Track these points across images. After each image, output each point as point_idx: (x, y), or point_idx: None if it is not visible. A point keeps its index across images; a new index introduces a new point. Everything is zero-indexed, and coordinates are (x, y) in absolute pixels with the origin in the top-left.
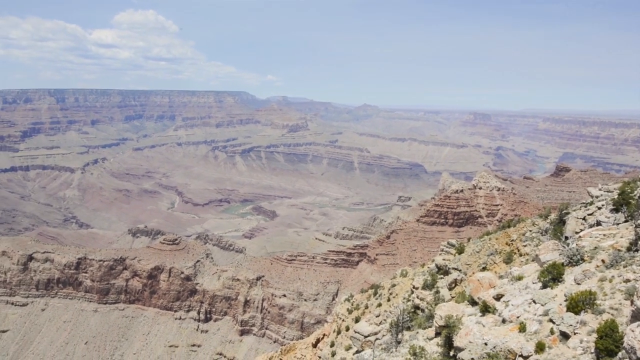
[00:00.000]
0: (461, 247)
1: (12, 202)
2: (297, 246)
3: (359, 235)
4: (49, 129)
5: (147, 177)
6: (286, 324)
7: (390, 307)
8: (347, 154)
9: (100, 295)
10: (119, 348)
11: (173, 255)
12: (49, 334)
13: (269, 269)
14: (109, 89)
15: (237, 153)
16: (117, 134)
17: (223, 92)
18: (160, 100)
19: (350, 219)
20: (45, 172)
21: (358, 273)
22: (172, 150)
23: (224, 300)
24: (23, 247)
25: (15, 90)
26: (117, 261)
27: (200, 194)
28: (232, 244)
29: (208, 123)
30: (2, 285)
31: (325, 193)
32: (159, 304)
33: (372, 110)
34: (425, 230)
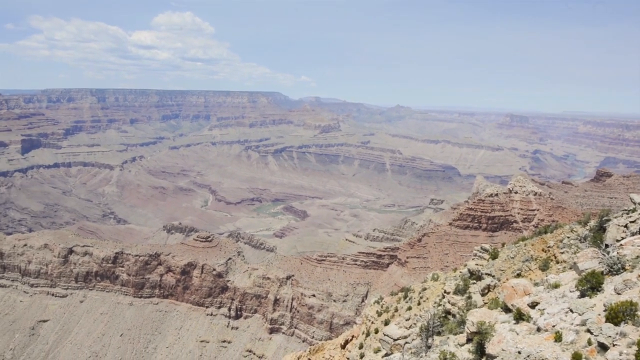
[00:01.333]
0: (495, 252)
1: (55, 197)
2: (327, 247)
3: (389, 237)
4: (90, 127)
5: (182, 175)
6: (315, 324)
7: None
8: (379, 155)
9: (136, 289)
10: (153, 341)
11: (206, 252)
12: (86, 325)
13: (298, 268)
14: (148, 89)
15: (269, 153)
16: (154, 133)
17: (257, 92)
18: (196, 100)
19: (381, 221)
20: (86, 169)
21: (388, 275)
22: (207, 150)
23: (254, 298)
24: (64, 240)
25: (59, 90)
26: (152, 256)
27: (233, 192)
28: (263, 243)
29: (242, 123)
30: (44, 277)
31: (356, 194)
32: (191, 300)
33: (405, 112)
34: (458, 234)
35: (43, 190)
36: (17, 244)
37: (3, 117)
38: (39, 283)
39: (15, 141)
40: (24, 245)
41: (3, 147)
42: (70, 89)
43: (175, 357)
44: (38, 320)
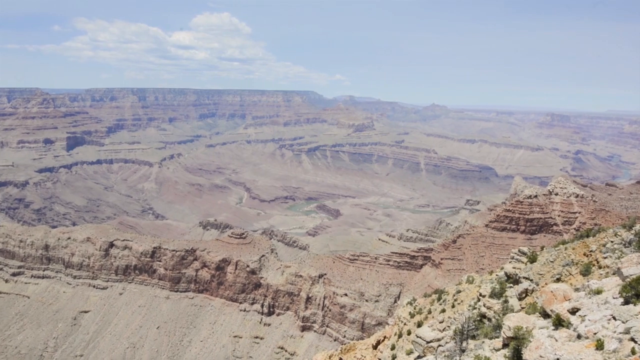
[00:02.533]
0: (533, 255)
1: (97, 192)
2: (359, 246)
3: (423, 238)
4: (131, 125)
5: (218, 173)
6: (347, 323)
7: (455, 313)
8: (413, 154)
9: (172, 283)
10: (188, 334)
11: (240, 249)
12: (125, 316)
13: (331, 267)
14: (186, 89)
15: (303, 151)
16: (191, 131)
17: (291, 91)
18: (232, 99)
19: (414, 221)
20: (127, 166)
21: (421, 277)
22: (242, 148)
23: (287, 296)
24: (105, 234)
25: (103, 89)
26: (188, 252)
27: (267, 190)
28: (296, 241)
29: (276, 122)
30: (86, 269)
31: (390, 194)
32: (225, 295)
33: (440, 111)
34: (495, 236)
35: (86, 186)
36: (61, 237)
37: (50, 116)
38: (82, 275)
39: (61, 138)
40: (68, 239)
41: (50, 144)
42: (112, 88)
43: (209, 351)
44: (80, 310)
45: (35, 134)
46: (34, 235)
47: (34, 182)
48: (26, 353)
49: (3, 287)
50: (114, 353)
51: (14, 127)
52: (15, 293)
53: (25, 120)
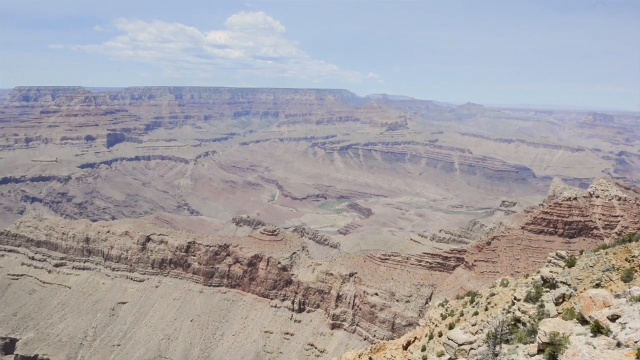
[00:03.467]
0: (572, 259)
1: (135, 188)
2: (391, 246)
3: (456, 239)
4: (168, 123)
5: (251, 170)
6: (377, 323)
7: (488, 317)
8: (447, 154)
9: (206, 277)
10: (220, 328)
11: (271, 246)
12: (160, 309)
13: (362, 266)
14: (221, 87)
15: (335, 150)
16: (226, 129)
17: (324, 89)
18: (266, 97)
19: (447, 222)
20: (164, 162)
21: (454, 278)
22: (275, 146)
23: (317, 293)
24: (142, 228)
25: (141, 88)
26: (221, 247)
27: (298, 188)
28: (327, 239)
29: (309, 120)
30: (124, 262)
31: (423, 193)
32: (256, 291)
33: (476, 109)
34: (531, 239)
35: (125, 181)
36: (101, 230)
37: (91, 113)
38: (120, 267)
39: (101, 135)
40: (107, 232)
41: (91, 140)
42: (150, 86)
43: (241, 345)
44: (118, 302)
45: (78, 130)
46: (76, 228)
47: (76, 177)
48: (67, 341)
49: (46, 277)
50: (150, 344)
51: (58, 124)
52: (57, 283)
53: (69, 118)
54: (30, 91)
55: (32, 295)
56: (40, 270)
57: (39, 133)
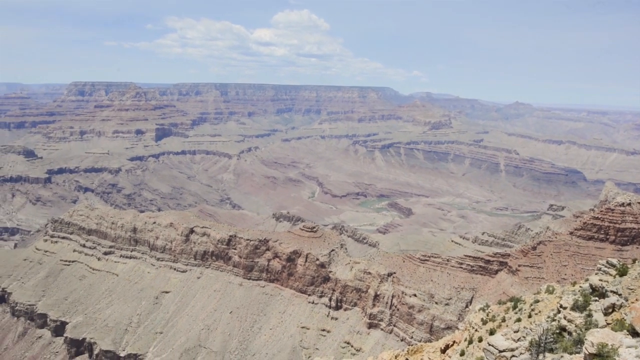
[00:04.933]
0: (624, 268)
1: (181, 181)
2: (431, 247)
3: (500, 242)
4: (214, 119)
5: (292, 167)
6: (415, 324)
7: (531, 324)
8: (492, 154)
9: (245, 271)
10: (258, 321)
11: (310, 242)
12: (201, 299)
13: (400, 266)
14: (265, 84)
15: (376, 148)
16: (268, 126)
17: (367, 87)
18: (309, 95)
19: (491, 224)
20: (208, 157)
21: (496, 283)
22: (316, 143)
23: (355, 291)
24: (186, 220)
25: (189, 84)
26: (261, 242)
27: (339, 185)
28: (366, 238)
29: (351, 118)
30: (168, 252)
31: (466, 194)
32: (294, 286)
33: (524, 109)
34: (580, 245)
35: (171, 175)
36: (147, 221)
37: (141, 108)
38: (164, 257)
39: (150, 129)
40: (153, 223)
41: (140, 134)
42: (198, 83)
43: (278, 339)
44: (161, 290)
45: (128, 124)
46: (124, 218)
47: (126, 169)
48: (113, 326)
49: (96, 264)
50: (190, 333)
51: (110, 118)
52: (106, 270)
53: (120, 112)
54: (85, 86)
55: (82, 281)
56: (90, 258)
57: (92, 126)
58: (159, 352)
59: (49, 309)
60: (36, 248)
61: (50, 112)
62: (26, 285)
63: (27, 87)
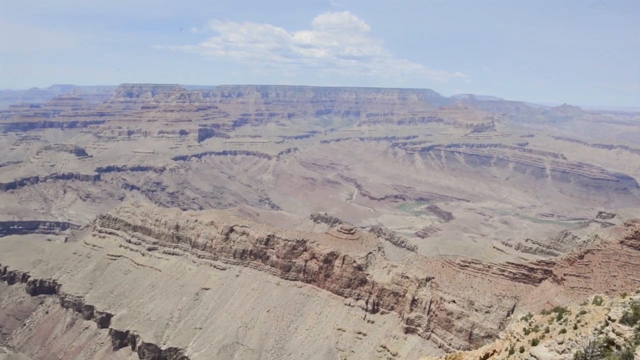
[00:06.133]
0: None
1: (222, 180)
2: (471, 252)
3: (544, 250)
4: (254, 120)
5: (330, 168)
6: (453, 331)
7: (577, 336)
8: (538, 158)
9: (283, 270)
10: (294, 321)
11: (348, 244)
12: (239, 297)
13: (439, 271)
14: (305, 86)
15: (416, 151)
16: (308, 127)
17: (407, 89)
18: (348, 96)
19: (535, 231)
20: (248, 157)
21: (540, 292)
22: (355, 145)
23: (392, 295)
24: (227, 219)
25: (231, 86)
26: (299, 242)
27: (377, 188)
28: (404, 241)
29: (390, 120)
30: (209, 250)
31: (509, 200)
32: (331, 288)
33: (572, 112)
34: (631, 255)
35: (213, 174)
36: (190, 219)
37: (185, 109)
38: (205, 255)
39: (193, 130)
40: (195, 221)
41: (184, 135)
42: (239, 85)
43: (314, 340)
44: (201, 287)
45: (173, 125)
46: (168, 215)
47: (170, 168)
48: (155, 320)
49: (140, 259)
50: (228, 330)
51: (156, 118)
52: (149, 266)
53: (165, 113)
54: (133, 88)
55: (127, 275)
56: (135, 253)
57: (139, 126)
58: (198, 347)
59: (96, 301)
60: (85, 242)
61: (101, 112)
62: (75, 277)
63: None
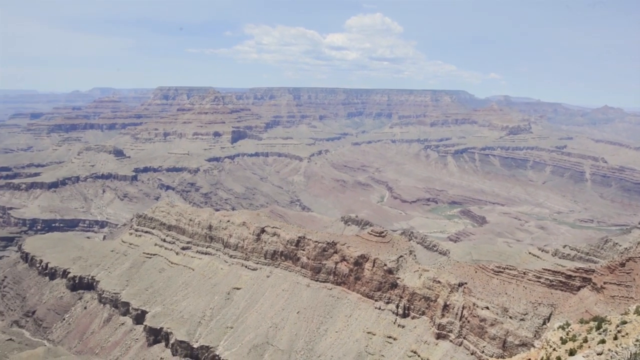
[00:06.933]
0: None
1: (254, 182)
2: (506, 258)
3: (583, 257)
4: (286, 122)
5: (361, 171)
6: (486, 338)
7: (618, 347)
8: (577, 162)
9: (313, 272)
10: (324, 323)
11: (378, 247)
12: (270, 298)
13: (472, 276)
14: (336, 88)
15: (449, 153)
16: (339, 129)
17: (440, 91)
18: (380, 98)
19: (573, 237)
20: (280, 159)
21: (578, 300)
22: (386, 147)
23: (423, 300)
24: (258, 220)
25: (263, 88)
26: (329, 244)
27: (408, 191)
28: (436, 245)
29: (423, 122)
30: (240, 250)
31: (546, 204)
32: (361, 291)
33: (614, 113)
34: None
35: (245, 175)
36: (222, 219)
37: (219, 112)
38: (236, 255)
39: (227, 132)
40: (228, 221)
41: (218, 136)
42: (272, 87)
43: (343, 343)
44: (233, 287)
45: (207, 127)
46: (201, 215)
47: (204, 169)
48: (187, 318)
49: (174, 258)
50: (259, 330)
51: (191, 120)
52: (183, 265)
53: (200, 115)
54: (169, 90)
55: (162, 274)
56: (169, 252)
57: (175, 128)
58: (229, 346)
59: (132, 298)
60: (122, 240)
61: (138, 114)
62: (112, 274)
63: (118, 92)
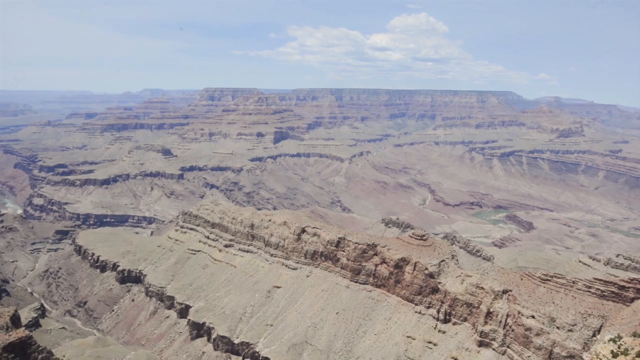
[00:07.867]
0: None
1: (295, 182)
2: (554, 266)
3: (638, 267)
4: (328, 123)
5: (403, 172)
6: (531, 348)
7: None
8: (633, 167)
9: (353, 273)
10: (363, 325)
11: (419, 250)
12: (309, 297)
13: (517, 284)
14: (379, 89)
15: (495, 156)
16: (381, 130)
17: (486, 92)
18: (423, 99)
19: (628, 246)
20: (321, 160)
21: (631, 312)
22: (429, 149)
23: (465, 306)
24: (299, 220)
25: (306, 89)
26: (369, 246)
27: (452, 194)
28: (480, 250)
29: (467, 123)
30: (281, 249)
31: (598, 211)
32: (401, 294)
33: None
34: None
35: (287, 176)
36: (264, 218)
37: (263, 112)
38: (277, 254)
39: (269, 132)
40: (269, 220)
41: (261, 137)
42: (314, 88)
43: (382, 346)
44: (273, 285)
45: (251, 127)
46: (243, 214)
47: (247, 169)
48: (229, 314)
49: (217, 255)
50: (298, 329)
51: (235, 121)
52: (225, 262)
53: (244, 116)
54: (215, 92)
55: (205, 270)
56: (212, 249)
57: (219, 128)
58: (269, 344)
59: (176, 292)
60: (168, 237)
61: (185, 115)
62: (158, 269)
63: (167, 93)
